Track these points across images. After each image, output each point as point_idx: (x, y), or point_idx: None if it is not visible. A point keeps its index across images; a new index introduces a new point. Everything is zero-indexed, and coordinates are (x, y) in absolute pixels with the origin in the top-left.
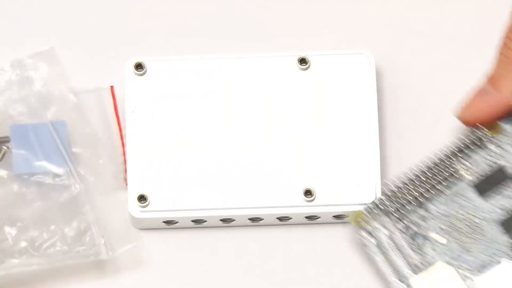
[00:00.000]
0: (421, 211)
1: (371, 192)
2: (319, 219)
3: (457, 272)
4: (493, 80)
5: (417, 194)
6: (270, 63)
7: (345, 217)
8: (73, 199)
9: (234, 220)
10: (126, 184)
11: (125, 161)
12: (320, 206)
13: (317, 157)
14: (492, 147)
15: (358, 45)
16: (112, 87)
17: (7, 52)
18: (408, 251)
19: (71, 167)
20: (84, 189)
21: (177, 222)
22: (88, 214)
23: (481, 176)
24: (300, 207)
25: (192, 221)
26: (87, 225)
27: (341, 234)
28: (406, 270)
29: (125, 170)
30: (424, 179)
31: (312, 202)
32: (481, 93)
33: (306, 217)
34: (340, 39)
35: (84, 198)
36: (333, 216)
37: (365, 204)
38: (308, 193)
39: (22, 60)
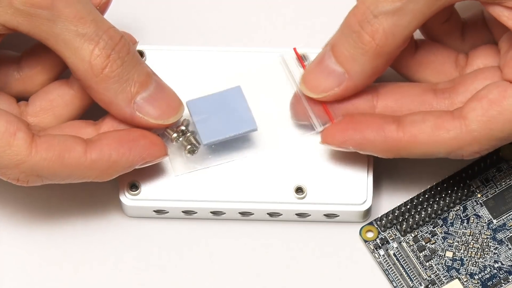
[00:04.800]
0: (430, 226)
1: (363, 192)
2: (310, 217)
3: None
4: (333, 48)
5: (429, 210)
6: (266, 57)
7: (336, 217)
8: None
9: (224, 213)
10: None
11: None
12: (310, 204)
13: (310, 155)
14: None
15: None
16: None
17: None
18: (416, 263)
19: None
20: None
21: (168, 212)
22: None
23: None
24: (291, 204)
25: (182, 211)
26: None
27: (332, 233)
28: (415, 283)
29: None
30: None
31: (303, 199)
32: (321, 61)
33: (296, 214)
34: None
35: None
36: (324, 215)
37: (356, 204)
38: (299, 190)
39: None
